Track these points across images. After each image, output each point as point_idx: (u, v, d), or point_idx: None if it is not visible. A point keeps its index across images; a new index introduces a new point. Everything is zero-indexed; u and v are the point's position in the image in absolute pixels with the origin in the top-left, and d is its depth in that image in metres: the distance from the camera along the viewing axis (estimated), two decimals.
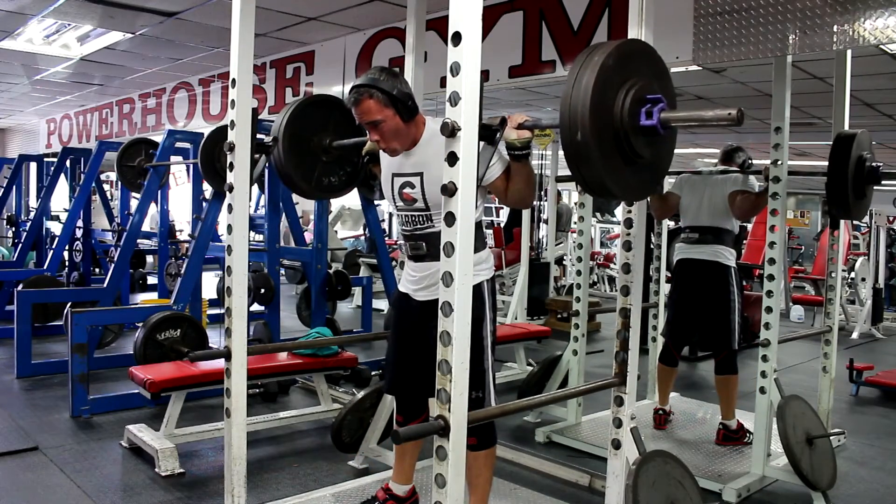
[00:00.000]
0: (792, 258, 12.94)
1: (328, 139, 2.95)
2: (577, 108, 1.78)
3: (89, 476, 3.40)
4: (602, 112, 1.80)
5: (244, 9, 2.47)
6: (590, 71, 1.79)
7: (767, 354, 3.42)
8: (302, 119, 2.91)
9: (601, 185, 1.87)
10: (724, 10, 3.14)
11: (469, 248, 1.73)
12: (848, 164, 3.40)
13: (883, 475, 3.79)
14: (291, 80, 5.84)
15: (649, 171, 2.03)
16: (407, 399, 2.76)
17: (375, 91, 2.35)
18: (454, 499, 1.76)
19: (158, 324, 4.46)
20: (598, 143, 1.79)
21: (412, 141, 2.47)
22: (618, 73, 1.84)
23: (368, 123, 2.40)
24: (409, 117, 2.41)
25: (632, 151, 1.88)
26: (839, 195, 3.48)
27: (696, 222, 4.03)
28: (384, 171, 2.63)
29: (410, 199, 2.50)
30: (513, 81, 4.18)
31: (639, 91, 1.86)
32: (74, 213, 7.01)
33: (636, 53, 1.98)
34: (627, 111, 1.83)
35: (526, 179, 2.30)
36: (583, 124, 1.77)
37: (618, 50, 1.86)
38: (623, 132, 1.85)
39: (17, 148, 11.47)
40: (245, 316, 2.60)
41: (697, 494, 2.53)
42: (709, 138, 9.50)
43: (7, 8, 4.89)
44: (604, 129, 1.81)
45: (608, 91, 1.82)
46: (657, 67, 2.03)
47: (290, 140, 2.88)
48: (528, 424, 4.32)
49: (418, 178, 2.45)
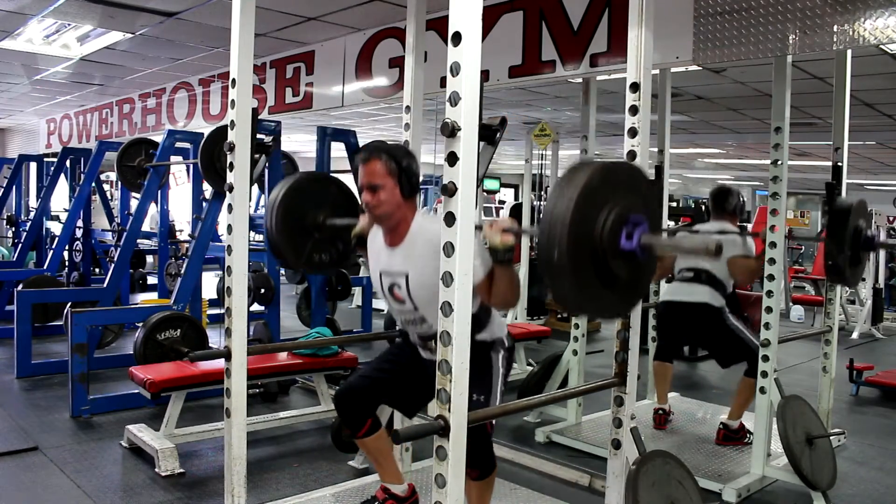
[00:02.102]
0: (792, 258, 12.94)
1: (322, 216, 2.92)
2: (557, 228, 1.73)
3: (89, 476, 3.40)
4: (582, 231, 1.75)
5: (244, 9, 2.46)
6: (573, 188, 1.75)
7: (767, 354, 3.42)
8: (297, 194, 2.88)
9: (575, 304, 1.83)
10: (724, 10, 3.14)
11: (469, 247, 1.73)
12: (845, 235, 3.42)
13: (883, 475, 3.79)
14: (291, 80, 5.84)
15: (625, 293, 1.97)
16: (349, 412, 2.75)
17: (386, 156, 2.40)
18: (454, 499, 1.76)
19: (158, 324, 4.46)
20: (574, 264, 1.75)
21: (400, 226, 2.47)
22: (601, 193, 1.80)
23: (369, 186, 2.42)
24: (409, 195, 2.44)
25: (609, 273, 1.83)
26: (836, 265, 3.49)
27: (694, 265, 4.00)
28: (372, 267, 2.66)
29: (399, 298, 2.54)
30: (513, 81, 4.18)
31: (621, 211, 1.81)
32: (74, 213, 7.02)
33: (623, 174, 1.95)
34: (608, 232, 1.79)
35: (509, 283, 2.26)
36: (560, 245, 1.72)
37: (604, 169, 1.83)
38: (601, 253, 1.80)
39: (17, 148, 11.46)
40: (245, 316, 2.60)
41: (697, 494, 2.53)
42: (708, 138, 9.50)
43: (7, 8, 4.88)
44: (582, 249, 1.77)
45: (590, 210, 1.78)
46: (644, 189, 1.98)
47: (283, 215, 2.84)
48: (528, 424, 4.32)
49: (404, 278, 2.48)
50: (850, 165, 5.11)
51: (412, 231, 2.46)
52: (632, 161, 2.36)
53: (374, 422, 2.77)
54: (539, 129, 6.97)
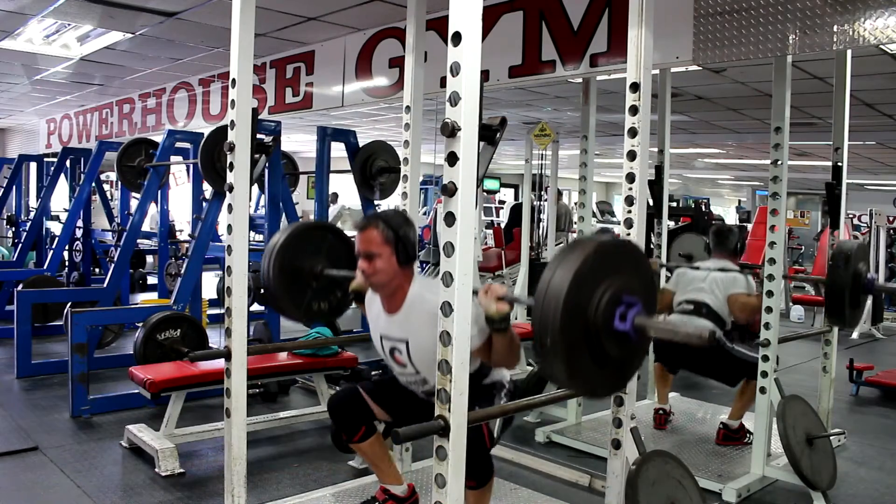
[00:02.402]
0: (792, 258, 12.93)
1: (319, 266, 2.92)
2: (551, 306, 1.73)
3: (89, 476, 3.40)
4: (576, 310, 1.74)
5: (244, 9, 2.47)
6: (570, 266, 1.75)
7: (767, 354, 3.42)
8: (294, 246, 2.88)
9: (566, 383, 1.83)
10: (724, 10, 3.14)
11: (469, 248, 1.73)
12: (846, 279, 3.42)
13: (883, 475, 3.79)
14: (291, 80, 5.84)
15: (617, 371, 1.95)
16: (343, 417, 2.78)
17: (383, 224, 2.42)
18: (454, 499, 1.77)
19: (158, 324, 4.46)
20: (567, 344, 1.75)
21: (397, 294, 2.49)
22: (596, 272, 1.80)
23: (365, 254, 2.43)
24: (405, 263, 2.45)
25: (601, 352, 1.82)
26: (837, 308, 3.50)
27: (695, 297, 3.99)
28: (372, 327, 2.68)
29: (401, 362, 2.57)
30: (513, 81, 4.18)
31: (617, 291, 1.80)
32: (74, 213, 7.02)
33: (621, 252, 1.94)
34: (602, 312, 1.78)
35: (507, 347, 2.26)
36: (553, 327, 1.72)
37: (602, 248, 1.82)
38: (595, 332, 1.79)
39: (17, 148, 11.46)
40: (245, 316, 2.60)
41: (697, 494, 2.53)
42: (709, 138, 9.50)
43: (7, 8, 4.88)
44: (575, 328, 1.76)
45: (586, 289, 1.77)
46: (641, 269, 1.96)
47: (280, 267, 2.84)
48: (528, 424, 4.32)
49: (404, 344, 2.51)
50: (850, 165, 5.12)
51: (409, 299, 2.48)
52: (631, 161, 2.36)
53: (369, 428, 2.79)
54: (539, 129, 6.97)
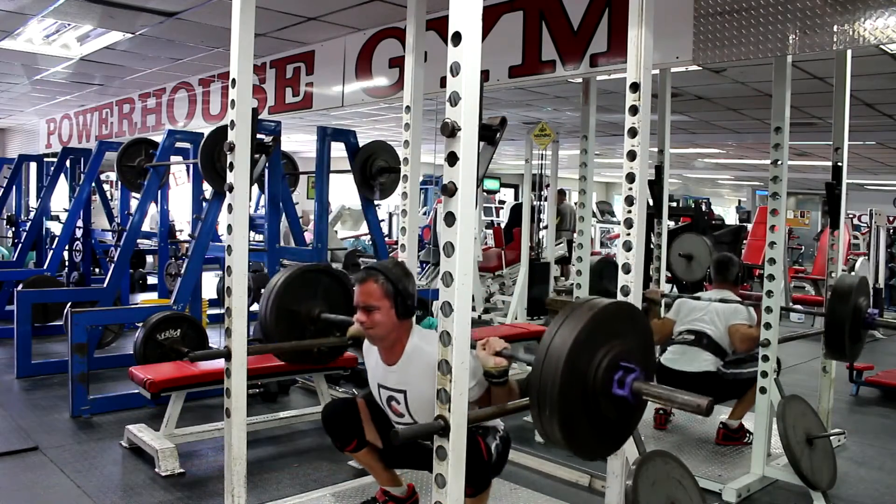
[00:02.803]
0: (792, 258, 12.93)
1: (317, 310, 2.94)
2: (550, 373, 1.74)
3: (89, 476, 3.40)
4: (575, 375, 1.77)
5: (244, 9, 2.46)
6: (570, 330, 1.77)
7: (767, 354, 3.42)
8: (292, 290, 2.90)
9: (560, 443, 1.83)
10: (724, 10, 3.14)
11: (469, 248, 1.73)
12: (846, 313, 3.40)
13: (883, 475, 3.79)
14: (291, 80, 5.84)
15: (614, 433, 1.97)
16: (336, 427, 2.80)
17: (382, 278, 2.43)
18: (454, 499, 1.76)
19: (158, 324, 4.46)
20: (563, 404, 1.76)
21: (395, 346, 2.50)
22: (596, 338, 1.81)
23: (364, 307, 2.44)
24: (404, 316, 2.46)
25: (599, 415, 1.84)
26: (836, 342, 3.47)
27: (695, 327, 3.98)
28: (370, 376, 2.69)
29: (398, 412, 2.59)
30: (513, 81, 4.18)
31: (615, 357, 1.82)
32: (74, 213, 7.01)
33: (621, 316, 1.94)
34: (601, 377, 1.80)
35: (506, 398, 2.27)
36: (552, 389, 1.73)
37: (603, 312, 1.83)
38: (593, 396, 1.81)
39: (17, 148, 11.46)
40: (245, 316, 2.60)
41: (697, 494, 2.53)
42: (709, 138, 9.50)
43: (7, 8, 4.88)
44: (574, 392, 1.78)
45: (585, 354, 1.79)
46: (639, 330, 1.98)
47: (278, 313, 2.87)
48: (528, 424, 4.29)
49: (402, 395, 2.53)
50: (850, 165, 5.12)
51: (407, 352, 2.49)
52: (631, 161, 2.36)
53: (360, 441, 2.79)
54: (539, 129, 6.97)
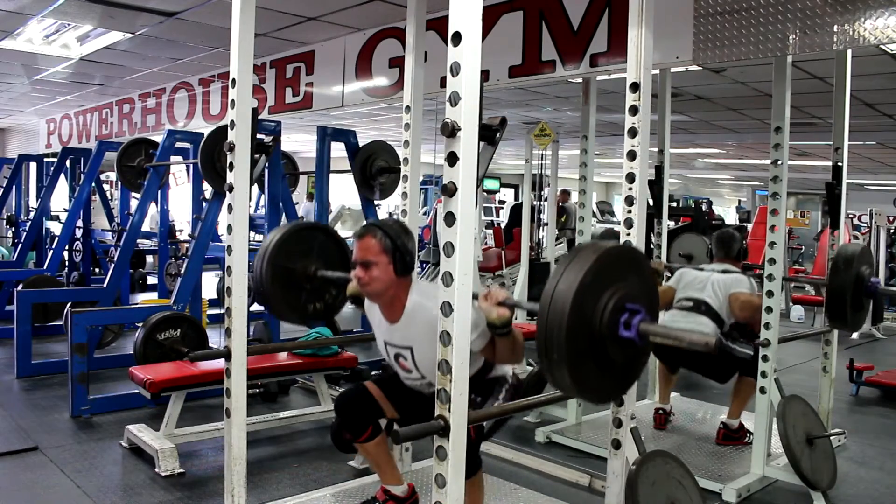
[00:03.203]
0: (792, 258, 12.93)
1: (313, 267, 2.91)
2: (556, 315, 1.74)
3: (89, 476, 3.40)
4: (581, 319, 1.76)
5: (244, 9, 2.46)
6: (574, 274, 1.76)
7: (767, 354, 3.42)
8: (286, 248, 2.87)
9: (569, 389, 1.84)
10: (724, 10, 3.14)
11: (469, 248, 1.73)
12: (848, 281, 3.40)
13: (883, 475, 3.79)
14: (291, 80, 5.84)
15: (620, 376, 1.98)
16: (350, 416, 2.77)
17: (381, 233, 2.41)
18: (454, 499, 1.76)
19: (158, 324, 4.46)
20: (571, 349, 1.75)
21: (394, 303, 2.49)
22: (601, 280, 1.80)
23: (362, 262, 2.43)
24: (402, 273, 2.44)
25: (606, 359, 1.83)
26: (838, 310, 3.48)
27: (696, 295, 3.97)
28: (376, 333, 2.69)
29: (406, 368, 2.59)
30: (513, 81, 4.18)
31: (620, 300, 1.81)
32: (74, 213, 7.02)
33: (624, 259, 1.94)
34: (606, 321, 1.79)
35: (511, 348, 2.28)
36: (559, 335, 1.73)
37: (606, 255, 1.82)
38: (600, 340, 1.80)
39: (17, 148, 11.46)
40: (245, 316, 2.60)
41: (697, 494, 2.53)
42: (709, 138, 9.50)
43: (7, 8, 4.88)
44: (580, 335, 1.77)
45: (590, 298, 1.78)
46: (643, 273, 1.98)
47: (273, 269, 2.83)
48: (528, 424, 4.32)
49: (409, 351, 2.53)
50: (850, 165, 5.12)
51: (408, 309, 2.48)
52: (631, 161, 2.36)
53: (376, 427, 2.78)
54: (539, 129, 6.96)
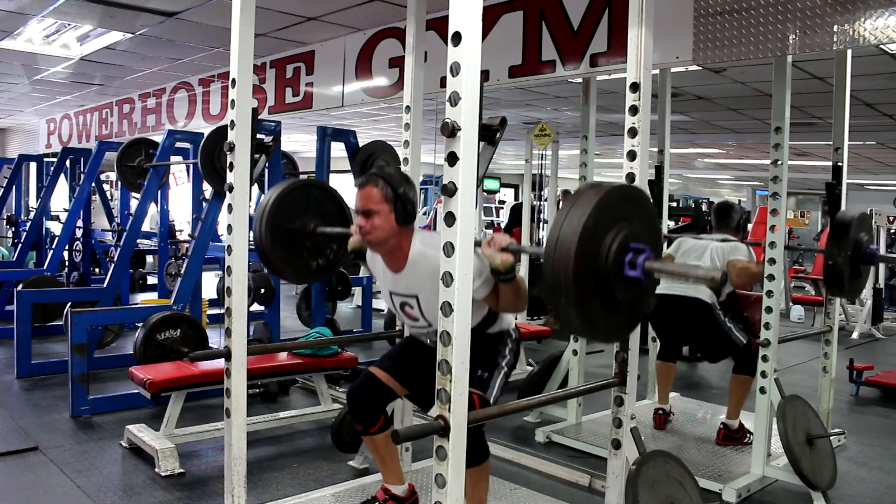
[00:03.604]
0: (792, 258, 12.93)
1: (311, 224, 2.90)
2: (562, 255, 1.74)
3: (89, 476, 3.40)
4: (587, 258, 1.77)
5: (244, 9, 2.46)
6: (578, 215, 1.77)
7: (767, 354, 3.42)
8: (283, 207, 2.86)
9: (577, 328, 1.85)
10: (724, 10, 3.14)
11: (469, 248, 1.73)
12: (845, 247, 3.39)
13: (883, 475, 3.79)
14: (291, 80, 5.84)
15: (627, 315, 1.99)
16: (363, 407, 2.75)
17: (383, 182, 2.41)
18: (454, 499, 1.76)
19: (158, 324, 4.46)
20: (578, 290, 1.77)
21: (396, 252, 2.48)
22: (605, 221, 1.81)
23: (364, 210, 2.42)
24: (404, 222, 2.43)
25: (612, 298, 1.85)
26: (836, 276, 3.47)
27: (693, 263, 3.96)
28: (381, 284, 2.68)
29: (412, 316, 2.59)
30: (513, 81, 4.18)
31: (624, 240, 1.82)
32: (74, 213, 7.02)
33: (624, 199, 1.94)
34: (612, 261, 1.80)
35: (515, 295, 2.28)
36: (566, 272, 1.74)
37: (608, 194, 1.83)
38: (606, 280, 1.82)
39: (17, 148, 11.47)
40: (245, 316, 2.60)
41: (697, 494, 2.53)
42: (709, 138, 9.50)
43: (7, 8, 4.89)
44: (586, 276, 1.78)
45: (594, 238, 1.79)
46: (644, 210, 1.99)
47: (273, 231, 2.82)
48: (528, 424, 4.32)
49: (414, 299, 2.52)
50: (850, 165, 5.12)
51: (412, 258, 2.47)
52: (631, 161, 2.36)
53: (387, 419, 2.77)
54: (539, 129, 6.97)
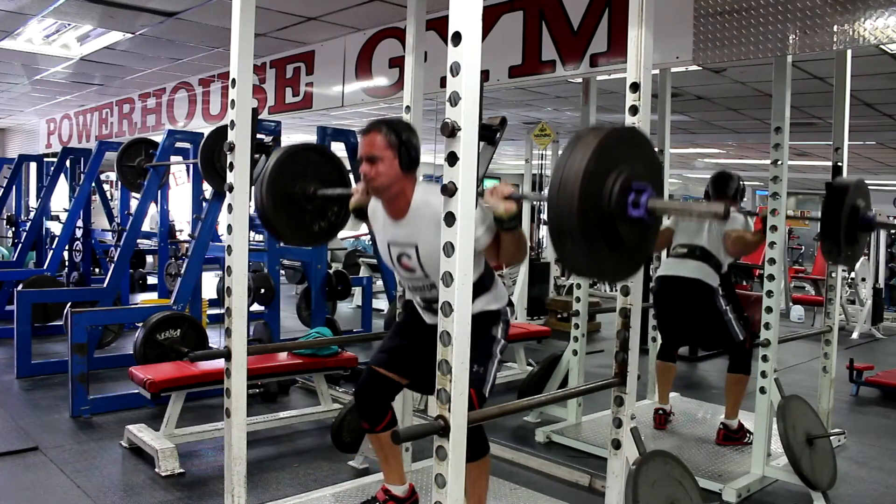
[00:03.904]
0: (792, 258, 12.94)
1: (312, 188, 2.89)
2: (566, 196, 1.75)
3: (89, 476, 3.40)
4: (591, 198, 1.78)
5: (244, 9, 2.47)
6: (580, 156, 1.77)
7: (767, 354, 3.42)
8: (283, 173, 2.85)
9: (583, 269, 1.87)
10: (724, 10, 3.14)
11: (469, 248, 1.73)
12: (841, 213, 3.39)
13: (883, 475, 3.79)
14: (291, 80, 5.84)
15: (632, 256, 2.00)
16: (371, 404, 2.75)
17: (387, 129, 2.39)
18: (454, 499, 1.76)
19: (158, 324, 4.46)
20: (583, 232, 1.78)
21: (400, 200, 2.46)
22: (606, 162, 1.82)
23: (368, 157, 2.41)
24: (408, 168, 2.42)
25: (617, 239, 1.86)
26: (832, 242, 3.46)
27: (690, 241, 3.99)
28: (379, 237, 2.66)
29: (409, 267, 2.55)
30: (513, 81, 4.18)
31: (626, 180, 1.83)
32: (74, 213, 7.02)
33: (625, 140, 1.95)
34: (615, 202, 1.82)
35: (516, 245, 2.28)
36: (570, 213, 1.75)
37: (607, 138, 1.83)
38: (610, 220, 1.83)
39: (17, 148, 11.47)
40: (245, 316, 2.60)
41: (697, 494, 2.53)
42: (709, 138, 9.50)
43: (7, 8, 4.89)
44: (591, 217, 1.79)
45: (597, 180, 1.80)
46: (645, 151, 2.00)
47: (273, 193, 2.81)
48: (528, 424, 4.32)
49: (413, 249, 2.49)
50: (850, 165, 5.11)
51: (414, 205, 2.44)
52: None
53: (393, 417, 2.76)
54: (539, 129, 6.98)
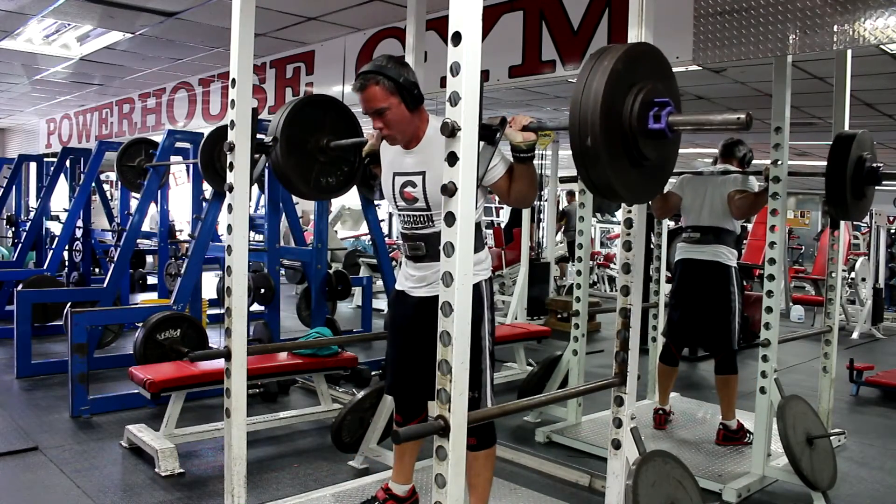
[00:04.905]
0: (792, 258, 12.94)
1: (325, 139, 2.94)
2: (588, 113, 1.80)
3: (89, 476, 3.40)
4: (612, 116, 1.83)
5: (244, 9, 2.47)
6: (600, 75, 1.82)
7: (767, 354, 3.42)
8: (299, 120, 2.90)
9: (608, 187, 1.90)
10: (724, 10, 3.14)
11: (469, 248, 1.73)
12: (847, 164, 3.38)
13: (883, 475, 3.79)
14: (291, 80, 5.84)
15: (655, 173, 2.06)
16: (406, 399, 2.75)
17: (382, 77, 2.34)
18: (454, 499, 1.76)
19: (158, 324, 4.45)
20: (607, 147, 1.82)
21: (415, 135, 2.45)
22: (627, 76, 1.86)
23: (374, 112, 2.37)
24: (415, 107, 2.40)
25: (639, 154, 1.90)
26: (837, 195, 3.46)
27: (698, 222, 4.02)
28: (385, 170, 2.62)
29: (411, 198, 2.49)
30: (513, 81, 4.18)
31: (647, 94, 1.88)
32: (74, 213, 7.01)
33: (644, 56, 2.00)
34: (636, 115, 1.85)
35: (529, 181, 2.31)
36: (593, 129, 1.79)
37: (626, 53, 1.87)
38: (631, 136, 1.87)
39: (17, 148, 11.47)
40: (245, 316, 2.60)
41: (697, 494, 2.53)
42: (709, 138, 9.49)
43: (7, 8, 4.89)
44: (612, 133, 1.83)
45: (617, 95, 1.84)
46: (664, 70, 2.04)
47: (287, 142, 2.87)
48: (528, 424, 4.32)
49: (420, 177, 2.44)
50: None
51: (428, 134, 2.43)
52: None
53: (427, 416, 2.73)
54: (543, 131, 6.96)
